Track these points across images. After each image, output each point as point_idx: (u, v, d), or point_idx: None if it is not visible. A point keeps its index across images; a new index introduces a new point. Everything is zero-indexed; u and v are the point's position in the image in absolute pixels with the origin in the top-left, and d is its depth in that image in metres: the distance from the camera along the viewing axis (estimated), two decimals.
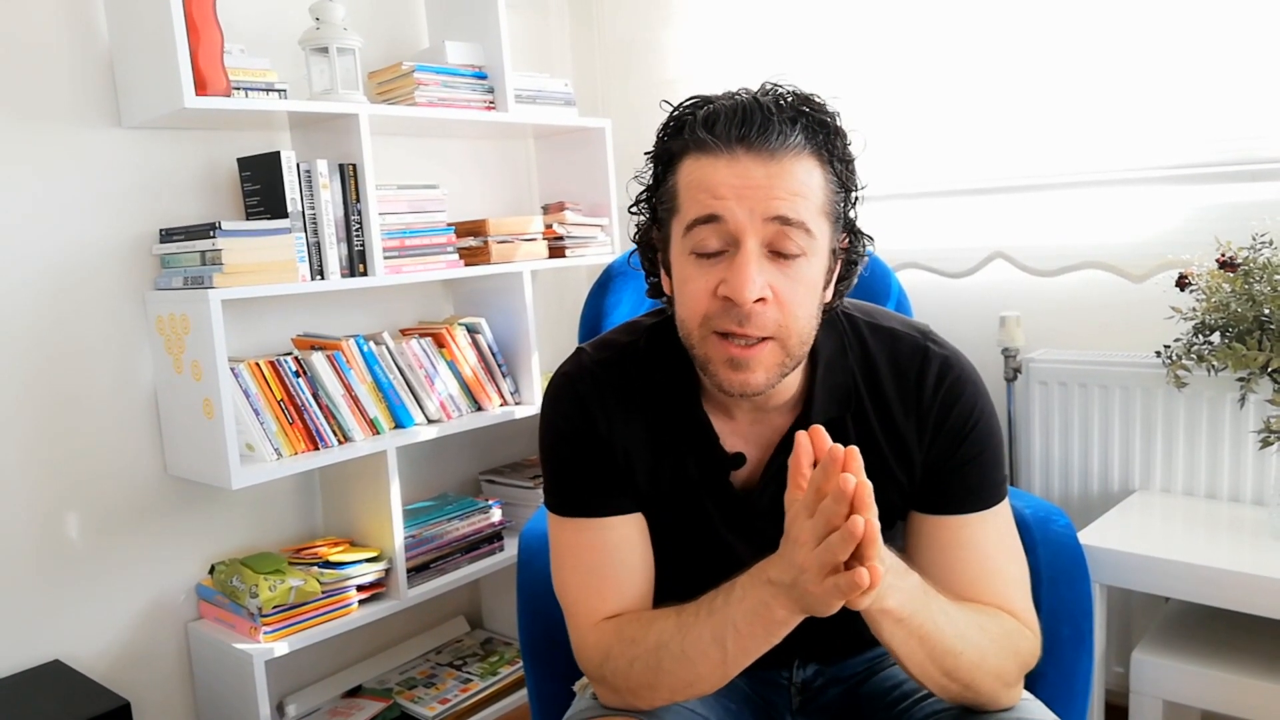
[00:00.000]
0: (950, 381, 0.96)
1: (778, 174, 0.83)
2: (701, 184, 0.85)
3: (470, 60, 2.08)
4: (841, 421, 0.96)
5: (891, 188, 2.03)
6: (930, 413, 0.95)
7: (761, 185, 0.83)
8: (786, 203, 0.83)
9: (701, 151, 0.86)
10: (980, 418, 0.96)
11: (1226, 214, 1.62)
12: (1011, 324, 1.86)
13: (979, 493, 0.95)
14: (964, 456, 0.95)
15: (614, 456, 0.97)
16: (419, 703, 2.00)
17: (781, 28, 2.13)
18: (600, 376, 0.99)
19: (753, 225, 0.84)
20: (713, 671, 0.87)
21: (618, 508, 0.96)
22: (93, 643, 1.72)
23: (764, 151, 0.84)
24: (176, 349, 1.68)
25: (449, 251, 2.01)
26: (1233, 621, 1.53)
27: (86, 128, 1.68)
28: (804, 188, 0.85)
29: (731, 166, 0.84)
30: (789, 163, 0.84)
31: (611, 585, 0.95)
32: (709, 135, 0.85)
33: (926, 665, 0.85)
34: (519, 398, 2.15)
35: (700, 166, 0.86)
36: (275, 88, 1.72)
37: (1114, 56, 1.73)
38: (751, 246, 0.84)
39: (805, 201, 0.84)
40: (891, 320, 1.01)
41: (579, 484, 0.97)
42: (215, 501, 1.87)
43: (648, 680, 0.89)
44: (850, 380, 0.97)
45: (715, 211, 0.84)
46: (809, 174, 0.85)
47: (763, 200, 0.83)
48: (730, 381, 0.87)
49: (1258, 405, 1.59)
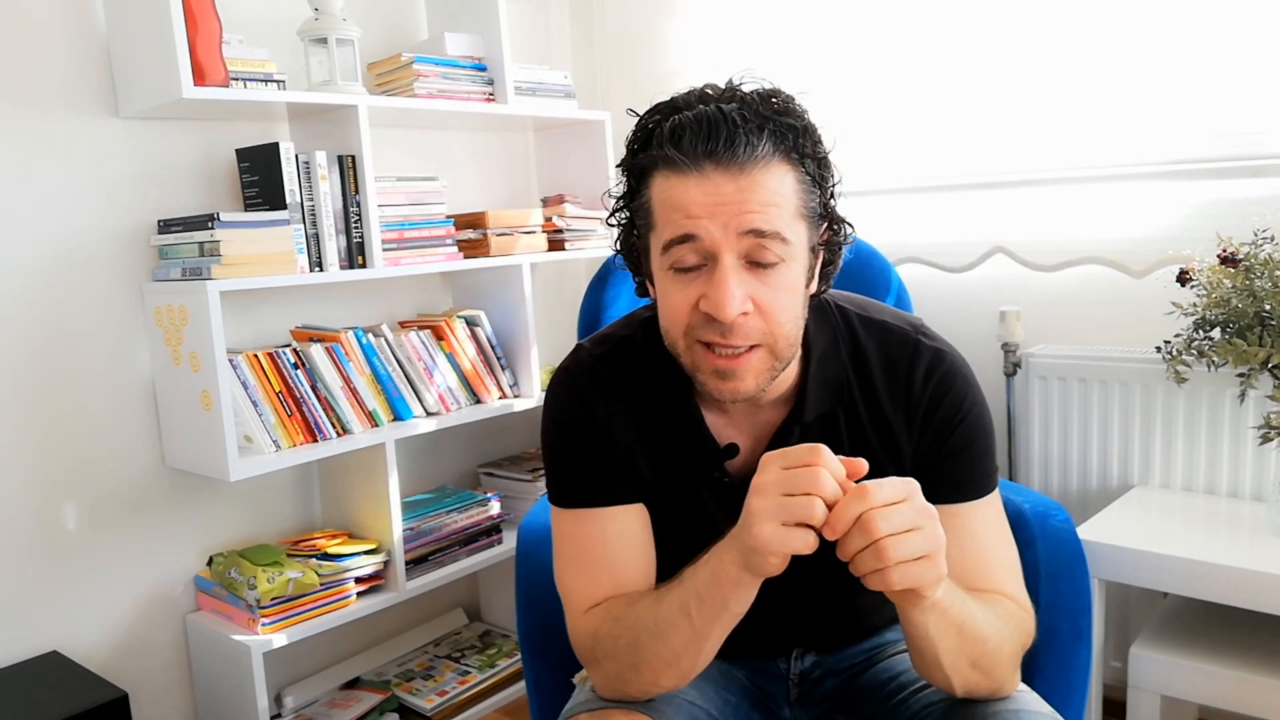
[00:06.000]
0: (940, 374, 0.96)
1: (748, 187, 0.83)
2: (674, 204, 0.85)
3: (470, 52, 2.07)
4: (833, 414, 0.97)
5: (891, 182, 2.02)
6: (920, 405, 0.96)
7: (733, 201, 0.83)
8: (760, 215, 0.83)
9: (671, 169, 0.85)
10: (970, 410, 0.96)
11: (1227, 209, 1.62)
12: (1011, 319, 1.86)
13: (970, 483, 0.95)
14: (954, 448, 0.96)
15: (614, 448, 0.98)
16: (417, 695, 2.00)
17: (782, 19, 2.12)
18: (599, 370, 1.00)
19: (728, 241, 0.83)
20: (686, 645, 0.86)
21: (617, 498, 0.97)
22: (91, 634, 1.71)
23: (733, 166, 0.83)
24: (175, 340, 1.67)
25: (448, 244, 2.00)
26: (1231, 617, 1.53)
27: (84, 117, 1.67)
28: (776, 196, 0.84)
29: (701, 185, 0.83)
30: (759, 174, 0.83)
31: (608, 574, 0.96)
32: (676, 153, 0.84)
33: (958, 656, 0.85)
34: (518, 390, 2.15)
35: (671, 186, 0.86)
36: (274, 78, 1.71)
37: (1115, 51, 1.72)
38: (729, 262, 0.84)
39: (779, 210, 0.84)
40: (883, 313, 1.02)
41: (578, 475, 0.98)
42: (213, 493, 1.86)
43: (632, 660, 0.90)
44: (843, 374, 0.97)
45: (690, 231, 0.84)
46: (780, 181, 0.85)
47: (735, 215, 0.83)
48: (720, 390, 0.88)
49: (1258, 401, 1.59)
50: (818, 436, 0.96)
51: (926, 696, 0.97)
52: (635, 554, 0.97)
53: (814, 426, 0.97)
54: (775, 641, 1.09)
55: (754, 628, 1.03)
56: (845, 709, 1.07)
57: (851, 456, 0.78)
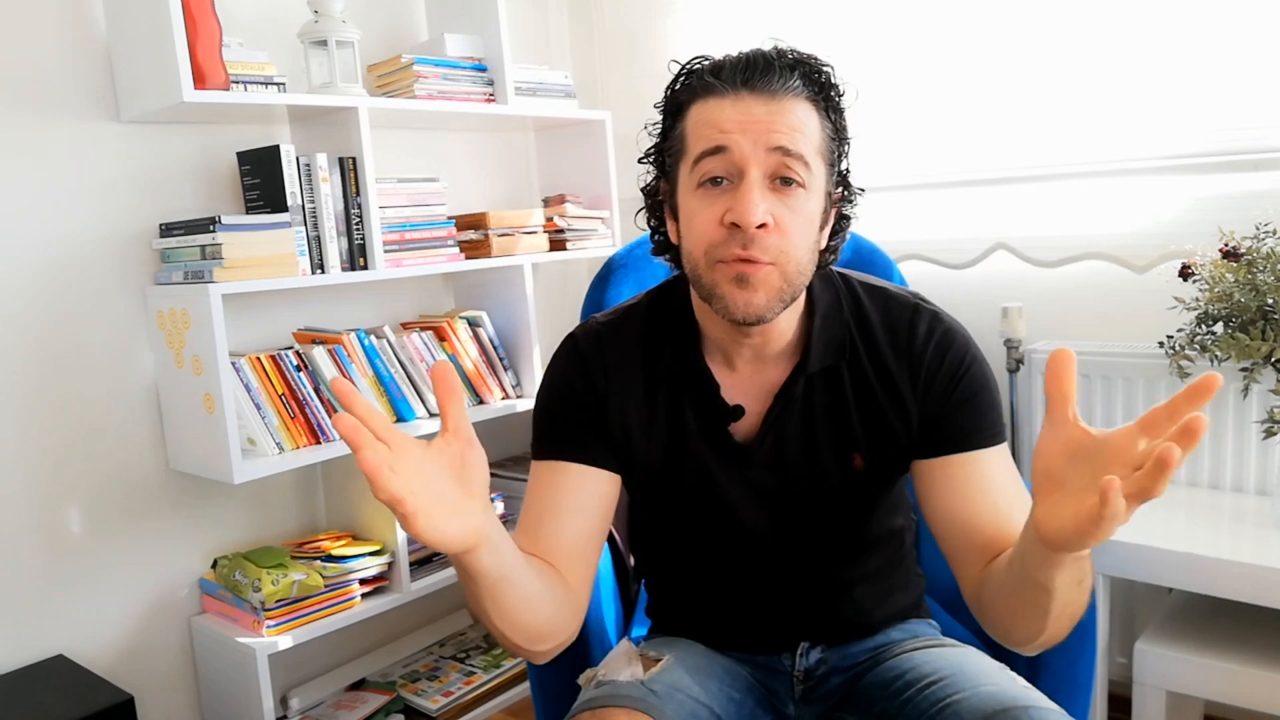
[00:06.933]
0: (941, 333, 1.01)
1: (778, 111, 0.90)
2: (709, 121, 0.92)
3: (469, 52, 2.07)
4: (837, 371, 1.01)
5: (894, 179, 2.02)
6: (922, 361, 1.00)
7: (763, 120, 0.90)
8: (786, 135, 0.90)
9: (709, 94, 0.93)
10: (973, 364, 1.00)
11: (1229, 204, 1.62)
12: (1014, 315, 1.86)
13: (980, 430, 0.99)
14: (960, 398, 0.99)
15: (604, 412, 1.01)
16: (422, 696, 2.00)
17: (783, 18, 2.12)
18: (604, 334, 1.04)
19: (755, 156, 0.89)
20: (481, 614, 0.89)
21: (587, 457, 1.01)
22: (96, 637, 1.72)
23: (765, 92, 0.90)
24: (177, 344, 1.67)
25: (449, 245, 2.00)
26: (1236, 612, 1.53)
27: (85, 122, 1.67)
28: (803, 124, 0.91)
29: (736, 105, 0.91)
30: (789, 102, 0.91)
31: (550, 524, 0.99)
32: (715, 80, 0.92)
33: (1064, 608, 0.84)
34: (520, 391, 2.15)
35: (707, 108, 0.92)
36: (274, 81, 1.71)
37: (1116, 46, 1.72)
38: (755, 175, 0.89)
39: (803, 137, 0.91)
40: (884, 282, 1.07)
41: (556, 429, 1.02)
42: (217, 496, 1.87)
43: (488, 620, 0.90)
44: (845, 331, 1.01)
45: (721, 144, 0.90)
46: (807, 115, 0.92)
47: (765, 133, 0.89)
48: (735, 300, 0.91)
49: (1261, 396, 1.59)
50: (822, 391, 1.00)
51: (933, 694, 0.97)
52: (581, 512, 1.00)
53: (819, 382, 1.00)
54: (779, 635, 1.09)
55: (757, 620, 1.04)
56: (850, 707, 1.07)
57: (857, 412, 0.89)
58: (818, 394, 1.01)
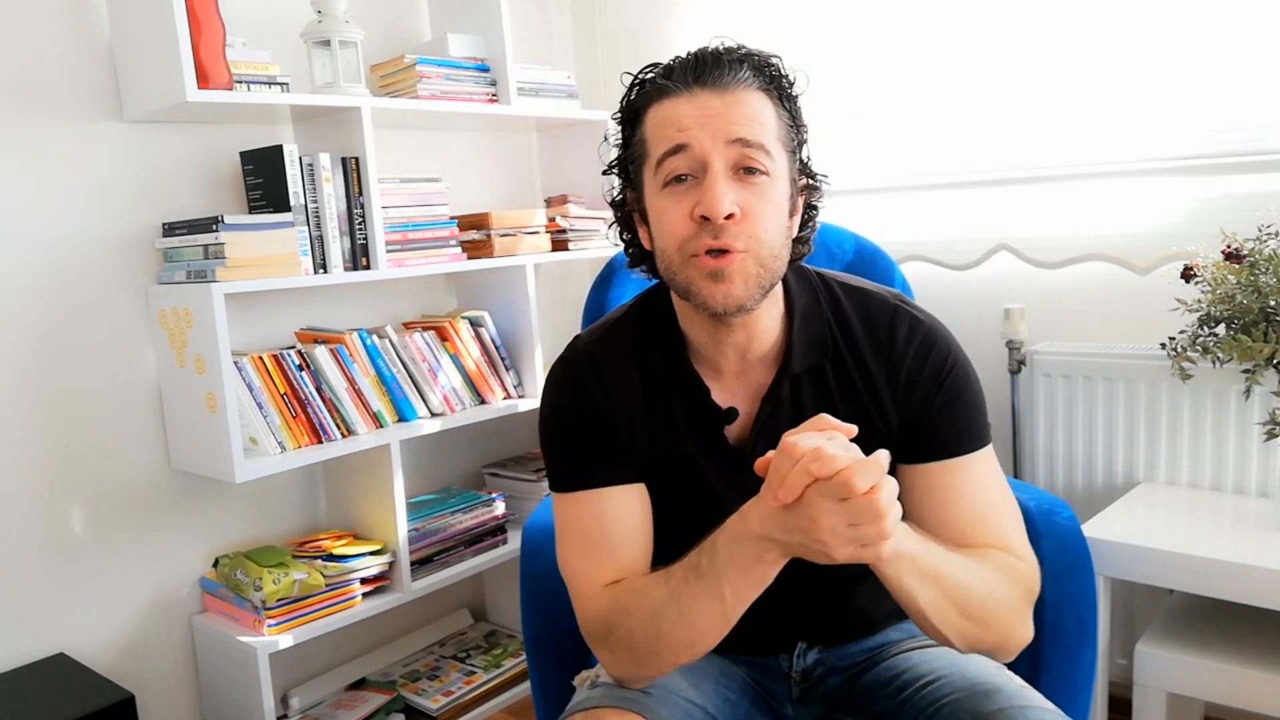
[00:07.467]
0: (922, 334, 1.00)
1: (733, 103, 0.92)
2: (666, 121, 0.93)
3: (472, 53, 2.07)
4: (821, 369, 1.01)
5: (895, 180, 2.02)
6: (903, 365, 0.99)
7: (720, 113, 0.91)
8: (744, 126, 0.91)
9: (663, 96, 0.94)
10: (955, 365, 1.00)
11: (1232, 205, 1.61)
12: (1016, 316, 1.85)
13: (962, 438, 0.98)
14: (941, 402, 0.98)
15: (613, 430, 1.01)
16: (423, 695, 2.01)
17: (785, 17, 2.12)
18: (594, 352, 1.04)
19: (716, 149, 0.91)
20: (714, 626, 0.89)
21: (615, 478, 1.00)
22: (97, 636, 1.72)
23: (719, 86, 0.92)
24: (179, 343, 1.68)
25: (452, 245, 2.00)
26: (1237, 614, 1.53)
27: (88, 121, 1.68)
28: (759, 114, 0.92)
29: (691, 102, 0.92)
30: (742, 94, 0.92)
31: (609, 554, 0.98)
32: (668, 81, 0.94)
33: (944, 606, 0.86)
34: (522, 391, 2.15)
35: (664, 109, 0.94)
36: (277, 81, 1.72)
37: (1118, 47, 1.72)
38: (718, 167, 0.90)
39: (761, 126, 0.92)
40: (862, 281, 1.07)
41: (576, 457, 1.01)
42: (219, 495, 1.87)
43: (651, 648, 0.92)
44: (825, 329, 1.01)
45: (681, 141, 0.91)
46: (762, 105, 0.93)
47: (723, 126, 0.91)
48: (713, 295, 0.92)
49: (1263, 397, 1.59)
50: (809, 391, 1.00)
51: (931, 694, 0.97)
52: (633, 533, 0.99)
53: (805, 381, 1.00)
54: (777, 636, 1.09)
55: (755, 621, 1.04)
56: (848, 707, 1.07)
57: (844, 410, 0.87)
58: (805, 394, 1.00)
